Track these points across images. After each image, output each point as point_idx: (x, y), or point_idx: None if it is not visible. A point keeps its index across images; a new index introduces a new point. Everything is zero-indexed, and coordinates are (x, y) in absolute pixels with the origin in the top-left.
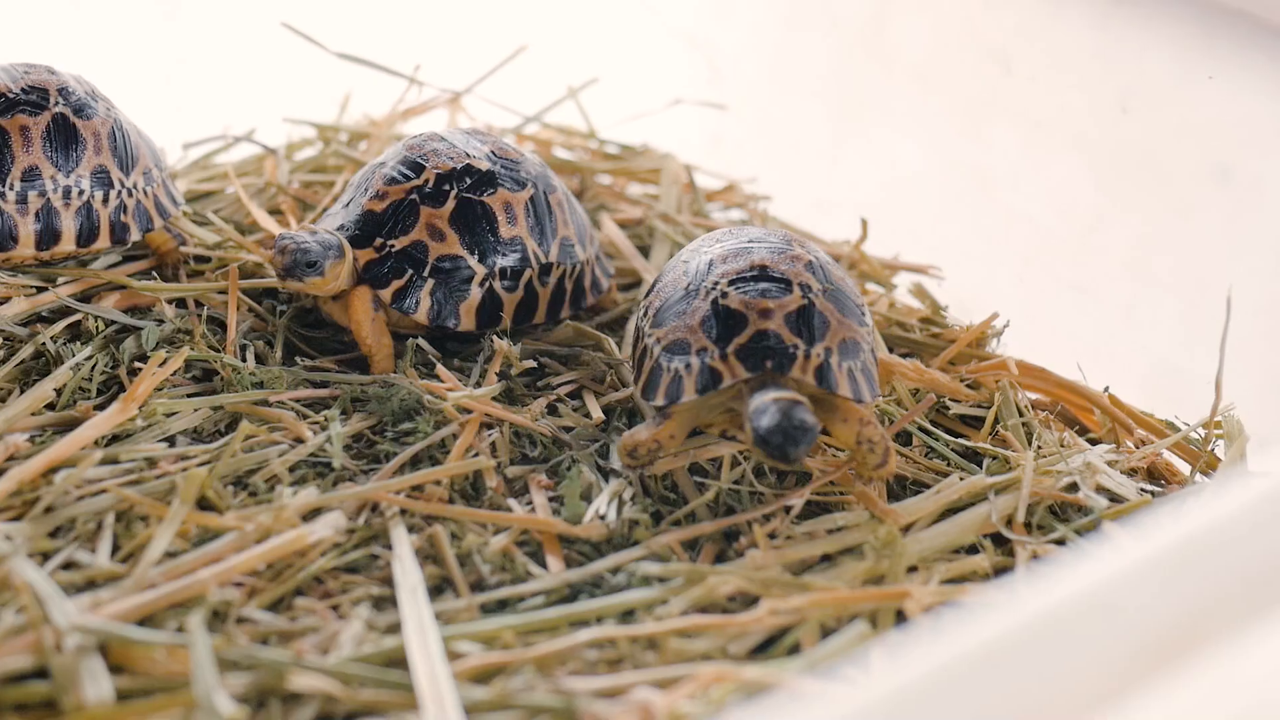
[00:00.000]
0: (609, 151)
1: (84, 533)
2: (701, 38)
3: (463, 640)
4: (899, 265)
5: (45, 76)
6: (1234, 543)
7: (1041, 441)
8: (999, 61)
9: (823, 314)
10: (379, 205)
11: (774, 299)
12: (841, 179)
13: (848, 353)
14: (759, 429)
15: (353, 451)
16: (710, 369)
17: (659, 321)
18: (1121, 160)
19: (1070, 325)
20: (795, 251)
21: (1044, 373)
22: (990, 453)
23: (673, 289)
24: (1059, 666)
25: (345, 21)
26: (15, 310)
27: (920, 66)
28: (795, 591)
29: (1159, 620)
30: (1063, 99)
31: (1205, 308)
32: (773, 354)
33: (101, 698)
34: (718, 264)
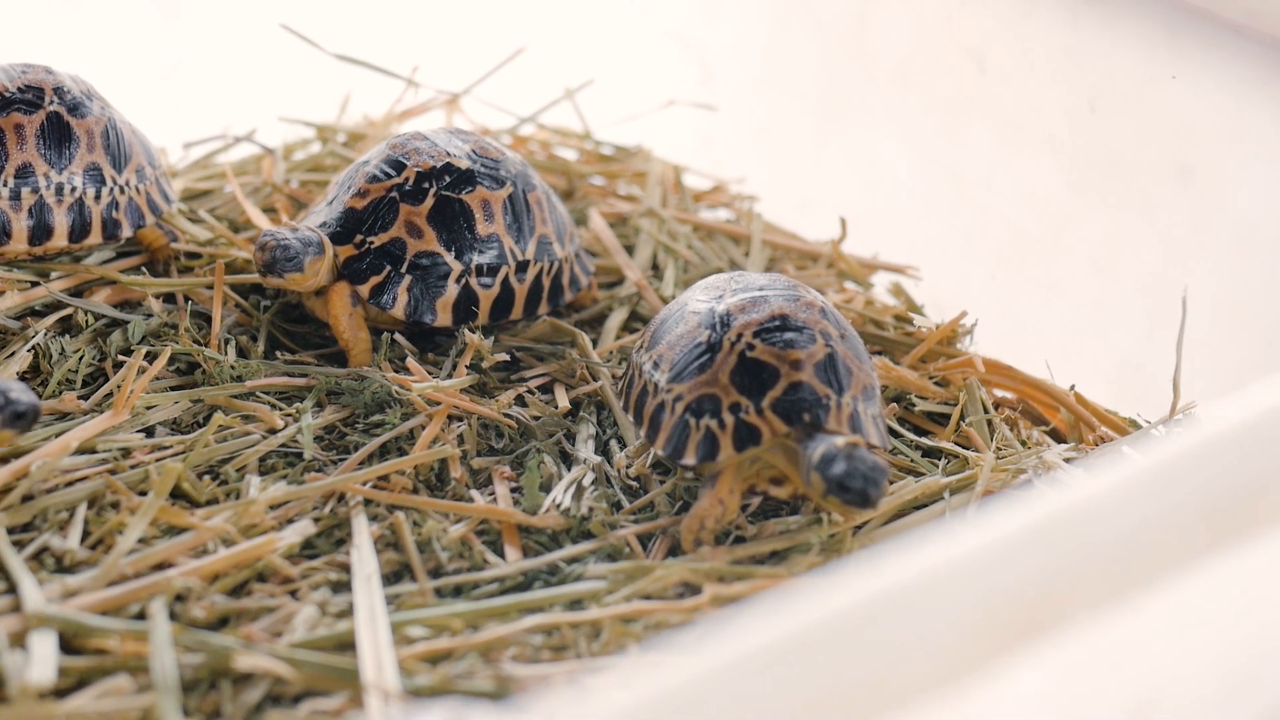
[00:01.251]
0: (604, 153)
1: (56, 521)
2: (694, 39)
3: (414, 625)
4: (878, 265)
5: (42, 76)
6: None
7: (1003, 439)
8: (974, 61)
9: (845, 362)
10: (360, 203)
11: (802, 349)
12: (825, 178)
13: (869, 399)
14: (834, 477)
15: (324, 442)
16: (747, 425)
17: (678, 376)
18: (1089, 159)
19: (1041, 323)
20: (807, 298)
21: (1011, 370)
22: (950, 452)
23: (689, 341)
24: (897, 641)
25: (345, 23)
26: (9, 304)
27: (900, 66)
28: (738, 580)
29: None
30: (1034, 98)
31: (1169, 306)
32: (808, 406)
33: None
34: (736, 314)
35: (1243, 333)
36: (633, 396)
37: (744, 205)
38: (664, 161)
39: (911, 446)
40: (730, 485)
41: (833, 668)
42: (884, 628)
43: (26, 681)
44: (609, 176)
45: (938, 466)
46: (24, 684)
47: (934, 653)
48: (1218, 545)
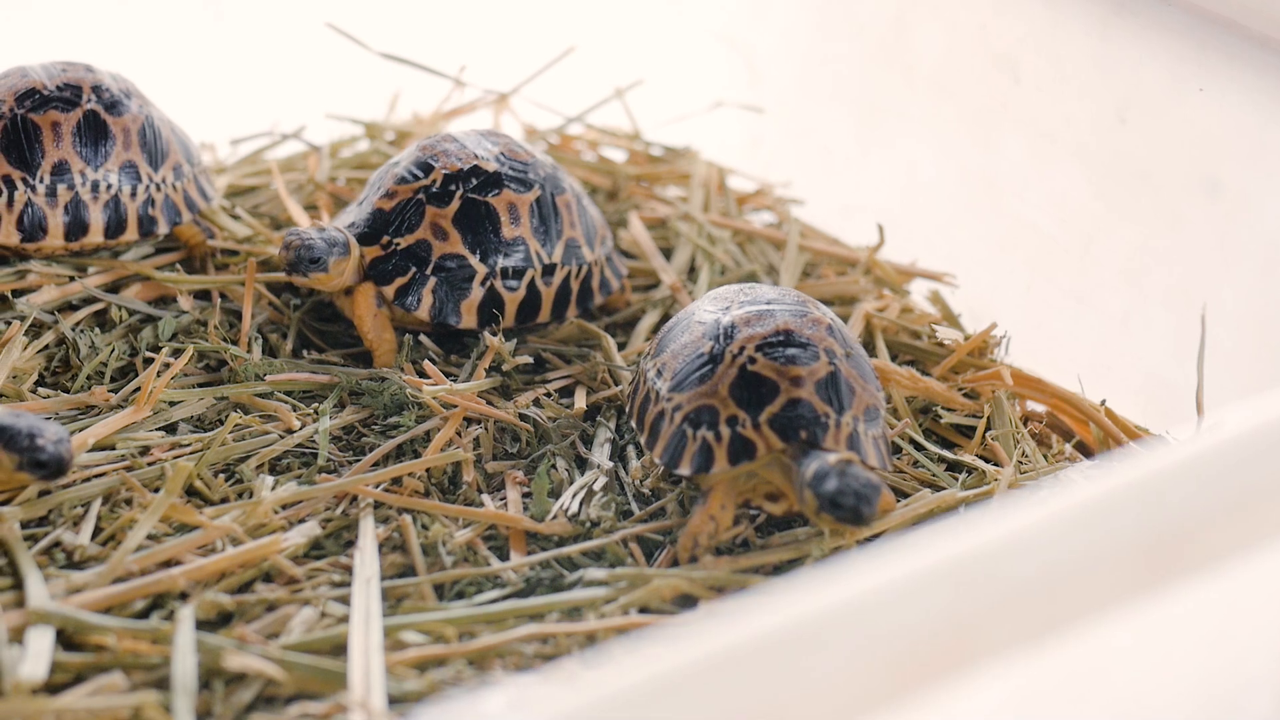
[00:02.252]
0: (653, 153)
1: (71, 516)
2: (741, 39)
3: (409, 630)
4: (915, 272)
5: (81, 74)
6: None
7: (1029, 454)
8: (1008, 69)
9: (848, 380)
10: (388, 204)
11: (804, 365)
12: (866, 183)
13: (871, 420)
14: (826, 494)
15: (341, 443)
16: (743, 438)
17: (679, 385)
18: (1119, 171)
19: (1073, 335)
20: (815, 314)
21: (1040, 383)
22: (971, 465)
23: (693, 351)
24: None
25: (396, 21)
26: (45, 298)
27: (936, 73)
28: (734, 592)
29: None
30: (1066, 109)
31: (1197, 321)
32: (805, 423)
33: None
34: (741, 327)
35: (1272, 348)
36: (636, 403)
37: (786, 209)
38: (709, 163)
39: (934, 459)
40: (723, 500)
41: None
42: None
43: (18, 677)
44: (650, 179)
45: (957, 480)
46: (16, 680)
47: (835, 690)
48: (1158, 582)
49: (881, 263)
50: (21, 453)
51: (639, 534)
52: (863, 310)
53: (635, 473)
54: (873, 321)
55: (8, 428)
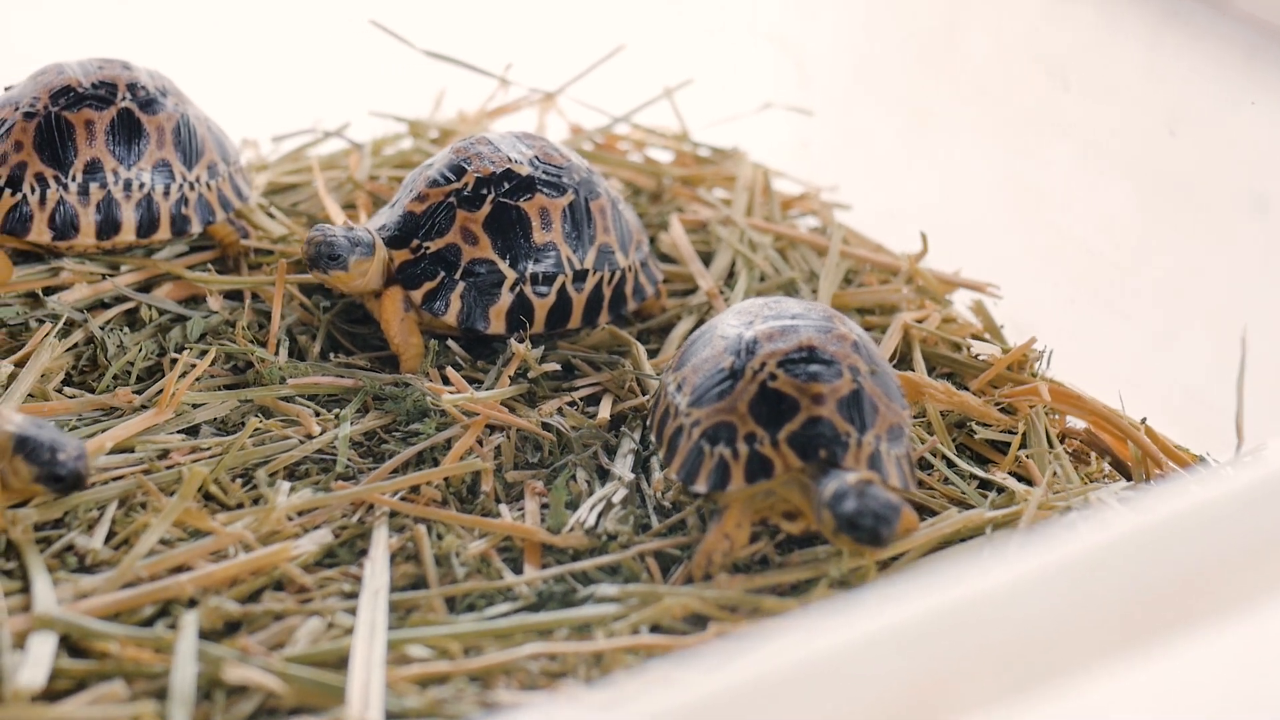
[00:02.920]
0: (701, 154)
1: (86, 520)
2: (791, 40)
3: (415, 644)
4: (958, 282)
5: (117, 72)
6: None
7: (1061, 472)
8: (1057, 77)
9: (872, 399)
10: (419, 207)
11: (826, 383)
12: (913, 189)
13: (895, 439)
14: (845, 514)
15: (362, 449)
16: (760, 456)
17: (698, 400)
18: (1166, 184)
19: (1116, 351)
20: (840, 330)
21: (1079, 399)
22: (1000, 485)
23: (713, 366)
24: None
25: (443, 19)
26: (77, 296)
27: (985, 79)
28: (746, 614)
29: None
30: (1114, 119)
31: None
32: (825, 442)
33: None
34: (763, 342)
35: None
36: (656, 417)
37: (831, 214)
38: (755, 165)
39: (965, 477)
40: (738, 519)
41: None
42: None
43: (17, 684)
44: (692, 182)
45: (986, 498)
46: (14, 687)
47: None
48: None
49: (924, 271)
50: (41, 465)
51: (656, 549)
52: (901, 321)
53: (657, 485)
54: (911, 332)
55: (31, 439)
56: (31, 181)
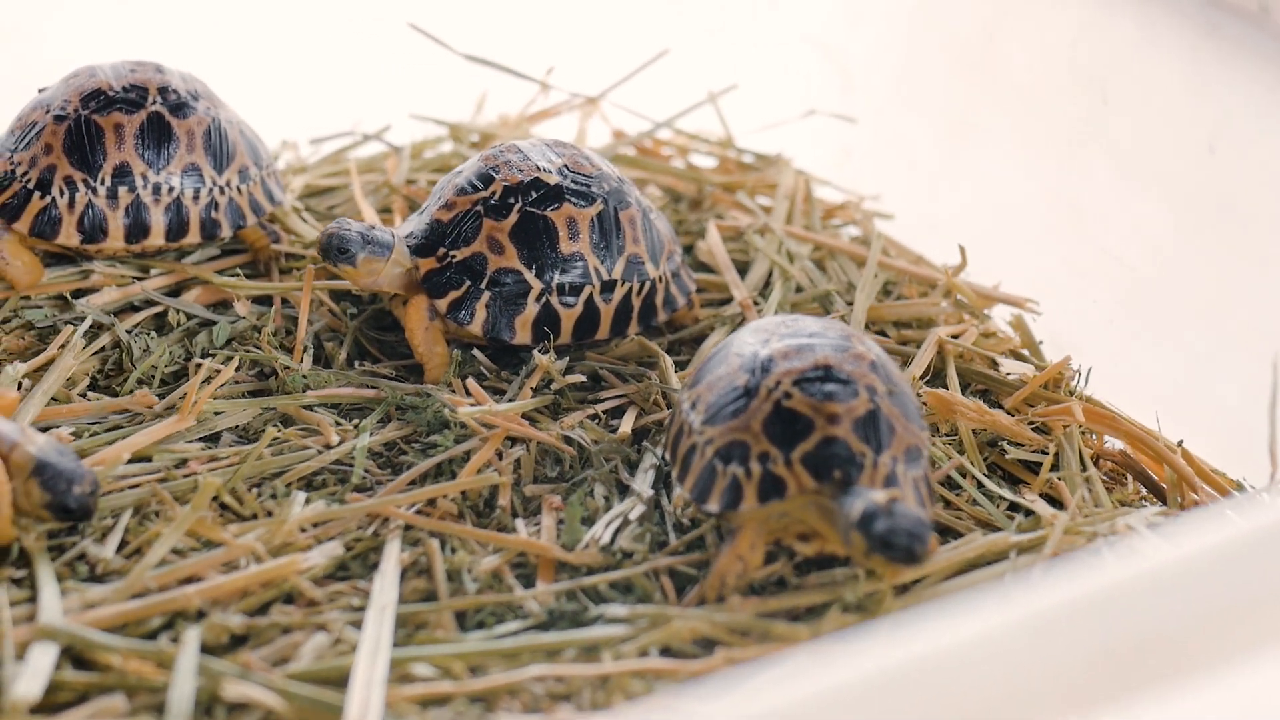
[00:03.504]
0: (745, 160)
1: (100, 528)
2: (835, 46)
3: (420, 663)
4: (997, 296)
5: (149, 75)
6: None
7: (1089, 496)
8: (1096, 90)
9: (889, 419)
10: (446, 215)
11: (841, 402)
12: (954, 200)
13: (912, 461)
14: (878, 534)
15: (381, 459)
16: (773, 476)
17: (712, 418)
18: (1205, 202)
19: (1154, 371)
20: (858, 349)
21: (1114, 419)
22: (1028, 507)
23: (727, 384)
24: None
25: (486, 22)
26: (106, 299)
27: (1025, 89)
28: (756, 638)
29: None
30: (1153, 134)
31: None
32: (840, 462)
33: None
34: (779, 360)
35: None
36: (671, 434)
37: (872, 224)
38: (797, 172)
39: (994, 498)
40: (752, 540)
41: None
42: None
43: (13, 695)
44: (730, 188)
45: (1013, 521)
46: (11, 698)
47: None
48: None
49: (962, 285)
50: (55, 494)
51: (672, 566)
52: (936, 336)
53: (677, 502)
54: (946, 348)
55: (50, 466)
56: (61, 184)
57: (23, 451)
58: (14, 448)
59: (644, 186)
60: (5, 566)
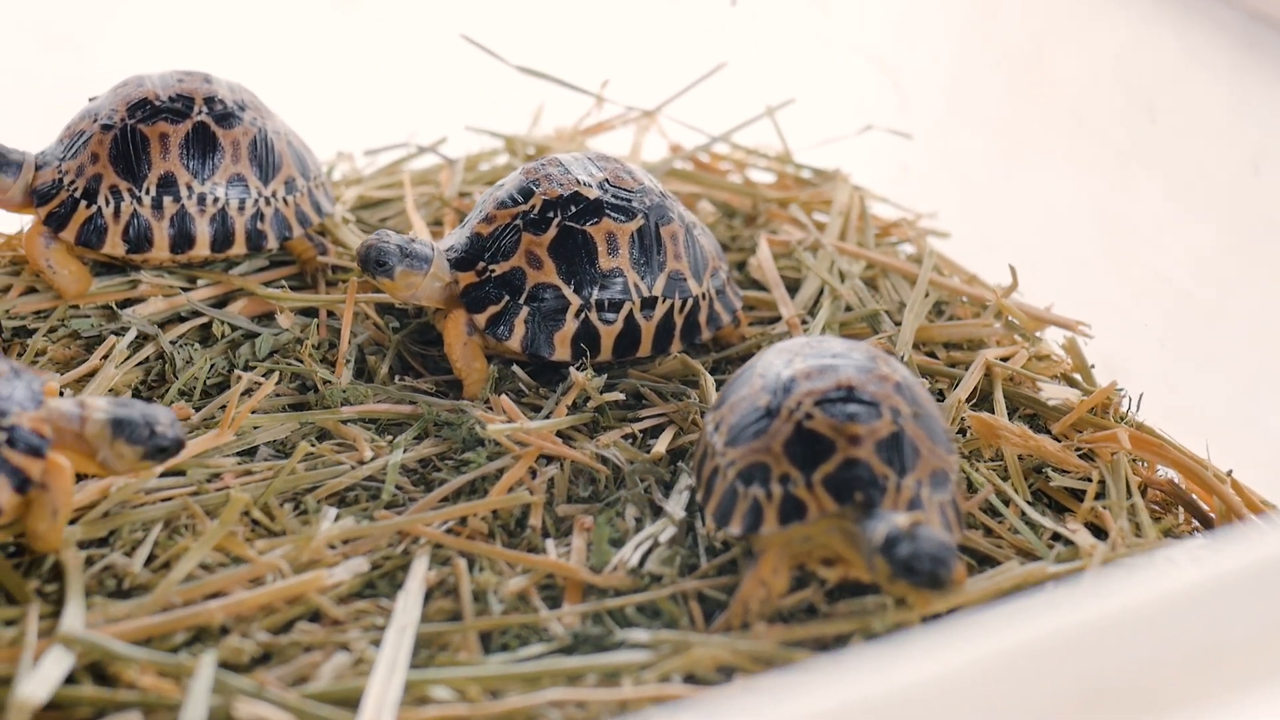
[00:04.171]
0: (803, 175)
1: (130, 540)
2: (891, 62)
3: (438, 685)
4: (1048, 319)
5: (196, 85)
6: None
7: (1127, 527)
8: (1144, 108)
9: (913, 442)
10: (486, 229)
11: (864, 424)
12: (1007, 219)
13: (938, 485)
14: (900, 559)
15: (415, 476)
16: (794, 498)
17: (734, 440)
18: (1252, 223)
19: (1205, 397)
20: (882, 370)
21: (1162, 447)
22: (1068, 537)
23: (749, 405)
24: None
25: (544, 35)
26: (151, 310)
27: (1076, 106)
28: (779, 665)
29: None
30: (1200, 154)
31: None
32: (862, 485)
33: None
34: (801, 381)
35: None
36: (697, 456)
37: (925, 242)
38: (853, 188)
39: (1035, 527)
40: (774, 564)
41: None
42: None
43: (18, 696)
44: (782, 204)
45: (1053, 550)
46: (16, 699)
47: None
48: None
49: (1012, 306)
50: (144, 443)
51: (701, 591)
52: (984, 358)
53: (710, 524)
54: (994, 370)
55: (125, 420)
56: (106, 194)
57: (93, 421)
58: (84, 422)
59: (697, 201)
60: (36, 579)
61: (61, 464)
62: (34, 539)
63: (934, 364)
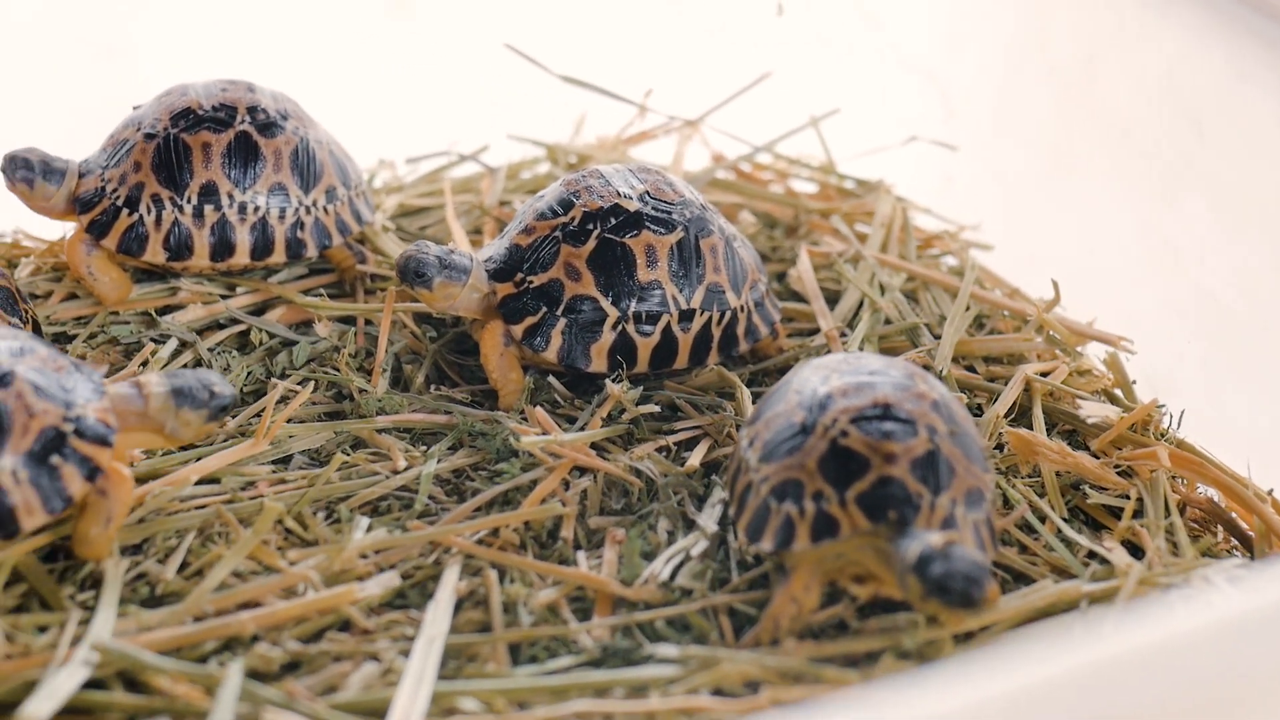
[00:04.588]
0: (846, 186)
1: (164, 548)
2: (938, 73)
3: (466, 697)
4: (1090, 334)
5: (240, 94)
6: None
7: (1168, 545)
8: (1192, 124)
9: (949, 461)
10: (525, 239)
11: (899, 442)
12: (1052, 233)
13: (973, 504)
14: (933, 578)
15: (449, 486)
16: (827, 515)
17: (768, 456)
18: None
19: (1248, 415)
20: (920, 388)
21: (1202, 465)
22: (1104, 556)
23: (784, 421)
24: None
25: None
26: (191, 316)
27: (1123, 120)
28: (808, 681)
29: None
30: (1247, 172)
31: None
32: (896, 503)
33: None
34: (837, 398)
35: None
36: (730, 471)
37: (968, 254)
38: (896, 199)
39: (1071, 545)
40: (806, 581)
41: None
42: None
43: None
44: (824, 214)
45: (1088, 569)
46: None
47: None
48: None
49: (1054, 321)
50: (207, 405)
51: (731, 605)
52: (1024, 373)
53: (742, 539)
54: (1033, 385)
55: (183, 389)
56: (148, 202)
57: (154, 396)
58: (145, 400)
59: (739, 211)
60: (70, 585)
61: (123, 474)
62: (82, 544)
63: (973, 378)
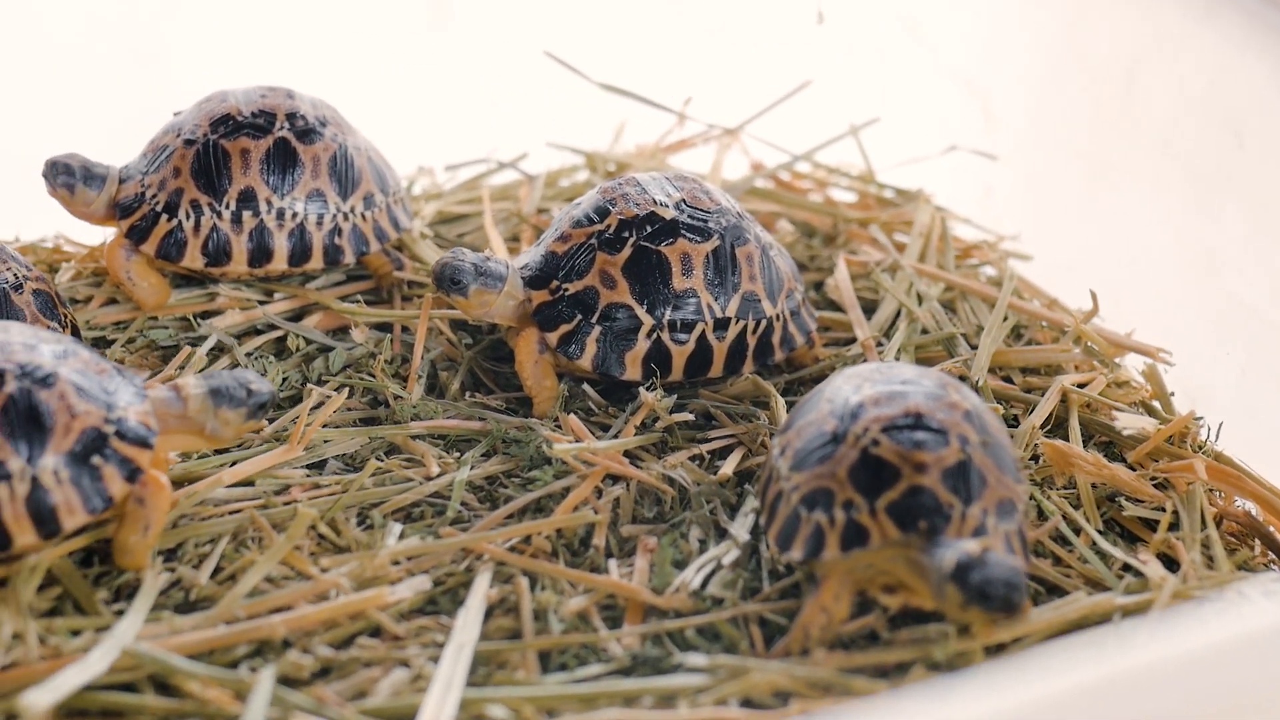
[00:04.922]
0: (885, 195)
1: (198, 554)
2: (978, 82)
3: (494, 704)
4: (1128, 345)
5: (279, 101)
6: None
7: (1203, 558)
8: (1232, 134)
9: (980, 470)
10: (561, 247)
11: (931, 451)
12: (1091, 243)
13: (1005, 514)
14: (975, 586)
15: (482, 493)
16: (857, 525)
17: (799, 464)
18: None
19: None
20: (953, 398)
21: (1239, 478)
22: (1138, 568)
23: (816, 430)
24: None
25: (626, 53)
26: (229, 322)
27: (1163, 130)
28: (837, 693)
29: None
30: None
31: None
32: (926, 513)
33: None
34: (869, 407)
35: None
36: (762, 480)
37: (1007, 265)
38: (934, 209)
39: (1105, 557)
40: (836, 591)
41: None
42: None
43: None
44: (862, 223)
45: (1122, 581)
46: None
47: None
48: None
49: (1091, 332)
50: (246, 405)
51: (762, 614)
52: (1060, 385)
53: (773, 548)
54: (1070, 397)
55: (221, 389)
56: (187, 208)
57: (193, 398)
58: (185, 402)
59: (777, 220)
60: (105, 590)
61: (161, 482)
62: (121, 553)
63: (1010, 389)
